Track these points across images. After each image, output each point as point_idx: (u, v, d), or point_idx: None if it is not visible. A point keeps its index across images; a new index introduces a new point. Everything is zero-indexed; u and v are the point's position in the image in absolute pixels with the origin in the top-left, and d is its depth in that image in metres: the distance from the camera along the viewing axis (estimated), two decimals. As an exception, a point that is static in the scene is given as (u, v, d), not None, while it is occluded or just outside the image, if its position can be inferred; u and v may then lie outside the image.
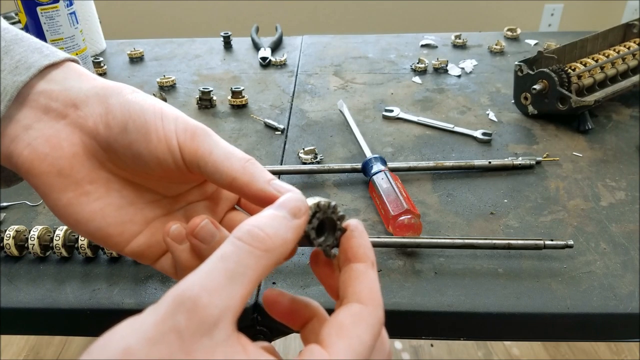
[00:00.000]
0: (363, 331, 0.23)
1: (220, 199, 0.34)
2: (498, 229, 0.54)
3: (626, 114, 0.76)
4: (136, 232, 0.31)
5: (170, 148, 0.29)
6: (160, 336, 0.20)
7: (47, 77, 0.30)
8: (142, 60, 0.98)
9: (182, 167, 0.29)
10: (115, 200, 0.30)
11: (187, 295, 0.20)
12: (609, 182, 0.61)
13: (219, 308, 0.20)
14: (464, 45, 1.01)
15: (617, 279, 0.48)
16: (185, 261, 0.30)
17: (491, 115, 0.76)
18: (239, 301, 0.21)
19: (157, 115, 0.29)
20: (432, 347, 1.41)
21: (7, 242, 0.49)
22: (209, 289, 0.20)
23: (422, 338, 0.49)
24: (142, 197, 0.32)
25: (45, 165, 0.29)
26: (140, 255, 0.32)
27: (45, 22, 0.79)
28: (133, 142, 0.29)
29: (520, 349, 1.39)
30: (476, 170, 0.63)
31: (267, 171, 0.29)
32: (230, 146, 0.30)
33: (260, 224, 0.23)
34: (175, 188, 0.33)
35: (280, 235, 0.23)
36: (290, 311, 0.28)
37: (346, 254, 0.27)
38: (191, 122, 0.30)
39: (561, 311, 0.45)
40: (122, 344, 0.20)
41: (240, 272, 0.21)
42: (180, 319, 0.20)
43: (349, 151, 0.68)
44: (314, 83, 0.88)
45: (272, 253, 0.23)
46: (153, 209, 0.32)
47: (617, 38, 0.85)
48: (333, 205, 0.27)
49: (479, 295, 0.46)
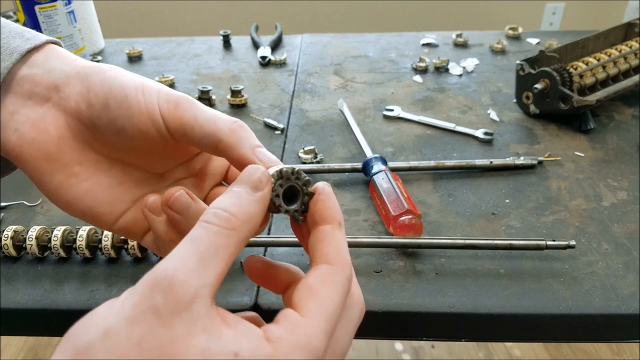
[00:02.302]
0: (332, 291, 0.24)
1: (207, 175, 0.35)
2: (499, 229, 0.54)
3: (628, 114, 0.76)
4: (124, 209, 0.32)
5: (152, 119, 0.29)
6: (140, 315, 0.20)
7: (29, 62, 0.30)
8: (141, 60, 0.97)
9: (167, 137, 0.30)
10: (103, 180, 0.31)
11: (162, 276, 0.21)
12: (611, 182, 0.61)
13: (194, 286, 0.21)
14: (465, 44, 1.00)
15: (619, 279, 0.47)
16: (163, 233, 0.31)
17: (492, 114, 0.76)
18: (213, 278, 0.22)
19: (137, 89, 0.30)
20: (433, 348, 1.41)
21: (5, 242, 0.49)
22: (183, 270, 0.21)
23: (423, 339, 0.49)
24: (130, 175, 0.32)
25: (33, 150, 0.29)
26: (128, 231, 0.32)
27: (44, 21, 0.79)
28: (115, 118, 0.29)
29: (522, 350, 1.39)
30: (477, 170, 0.63)
31: (254, 136, 0.30)
32: (216, 111, 0.30)
33: (223, 205, 0.24)
34: (161, 165, 0.33)
35: (245, 211, 0.24)
36: (270, 276, 0.29)
37: (313, 217, 0.27)
38: (174, 92, 0.30)
39: (563, 312, 0.44)
40: (103, 324, 0.20)
41: (212, 253, 0.22)
42: (158, 299, 0.20)
43: (349, 151, 0.68)
44: (314, 82, 0.87)
45: (240, 230, 0.23)
46: (141, 187, 0.33)
47: (618, 37, 0.85)
48: (296, 171, 0.27)
49: (480, 296, 0.46)
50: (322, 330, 0.23)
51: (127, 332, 0.20)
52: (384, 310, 0.45)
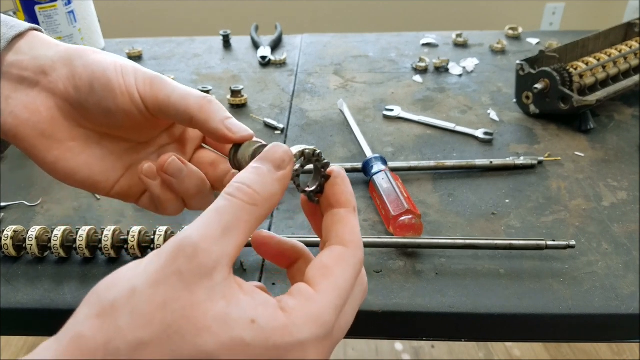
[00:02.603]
0: (345, 270, 0.25)
1: (188, 139, 0.38)
2: (499, 229, 0.54)
3: (628, 114, 0.76)
4: (118, 176, 0.36)
5: (133, 100, 0.32)
6: (164, 278, 0.21)
7: (15, 48, 0.32)
8: (141, 60, 0.97)
9: (147, 114, 0.33)
10: (96, 152, 0.34)
11: (187, 243, 0.22)
12: (611, 182, 0.61)
13: (217, 254, 0.22)
14: (465, 44, 1.00)
15: (618, 279, 0.47)
16: (160, 194, 0.34)
17: (492, 114, 0.76)
18: (233, 249, 0.23)
19: (117, 71, 0.32)
20: (433, 348, 1.41)
21: (5, 242, 0.49)
22: (207, 238, 0.22)
23: (423, 339, 0.49)
24: (119, 146, 0.36)
25: (28, 129, 0.32)
26: (125, 195, 0.36)
27: (44, 21, 0.79)
28: (101, 100, 0.32)
29: (522, 350, 1.39)
30: (477, 170, 0.63)
31: (224, 109, 0.33)
32: (187, 88, 0.33)
33: (247, 180, 0.25)
34: (146, 135, 0.36)
35: (268, 190, 0.25)
36: (278, 252, 0.30)
37: (329, 200, 0.29)
38: (148, 72, 0.33)
39: (563, 312, 0.44)
40: (128, 285, 0.21)
41: (234, 225, 0.23)
42: (182, 263, 0.21)
43: (349, 151, 0.68)
44: (314, 82, 0.87)
45: (261, 206, 0.25)
46: (130, 155, 0.36)
47: (618, 37, 0.84)
48: (317, 152, 0.28)
49: (480, 296, 0.46)
50: (333, 306, 0.24)
51: (151, 292, 0.21)
52: (384, 310, 0.45)
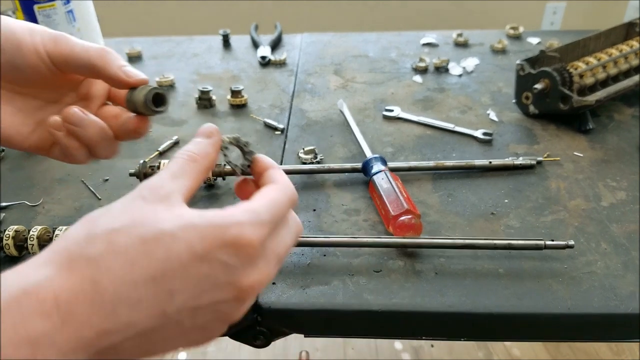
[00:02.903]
0: (277, 194, 0.31)
1: (92, 98, 0.44)
2: (499, 229, 0.54)
3: (628, 114, 0.76)
4: (30, 131, 0.41)
5: (40, 57, 0.38)
6: (131, 201, 0.28)
7: None
8: (140, 59, 0.98)
9: (54, 69, 0.39)
10: (8, 109, 0.40)
11: (145, 184, 0.29)
12: (610, 182, 0.61)
13: (170, 188, 0.29)
14: (466, 43, 1.00)
15: (617, 279, 0.47)
16: (67, 143, 0.40)
17: (492, 115, 0.76)
18: (183, 188, 0.30)
19: (25, 32, 0.38)
20: (432, 348, 1.41)
21: (7, 242, 0.49)
22: (161, 180, 0.30)
23: (422, 338, 0.49)
24: (30, 104, 0.41)
25: None
26: (37, 148, 0.42)
27: (42, 20, 0.79)
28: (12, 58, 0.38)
29: (521, 350, 1.39)
30: (477, 170, 0.63)
31: (121, 58, 0.40)
32: (88, 42, 0.39)
33: (188, 147, 0.33)
34: (54, 93, 0.42)
35: (202, 150, 0.33)
36: None
37: (259, 168, 0.36)
38: (53, 31, 0.39)
39: (562, 311, 0.45)
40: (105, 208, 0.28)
41: (180, 173, 0.31)
42: (145, 193, 0.29)
43: (349, 151, 0.68)
44: (314, 82, 0.87)
45: (199, 162, 0.32)
46: (40, 112, 0.42)
47: (619, 37, 0.85)
48: (244, 141, 0.37)
49: (480, 296, 0.46)
50: (266, 208, 0.29)
51: (122, 208, 0.28)
52: (383, 309, 0.45)
